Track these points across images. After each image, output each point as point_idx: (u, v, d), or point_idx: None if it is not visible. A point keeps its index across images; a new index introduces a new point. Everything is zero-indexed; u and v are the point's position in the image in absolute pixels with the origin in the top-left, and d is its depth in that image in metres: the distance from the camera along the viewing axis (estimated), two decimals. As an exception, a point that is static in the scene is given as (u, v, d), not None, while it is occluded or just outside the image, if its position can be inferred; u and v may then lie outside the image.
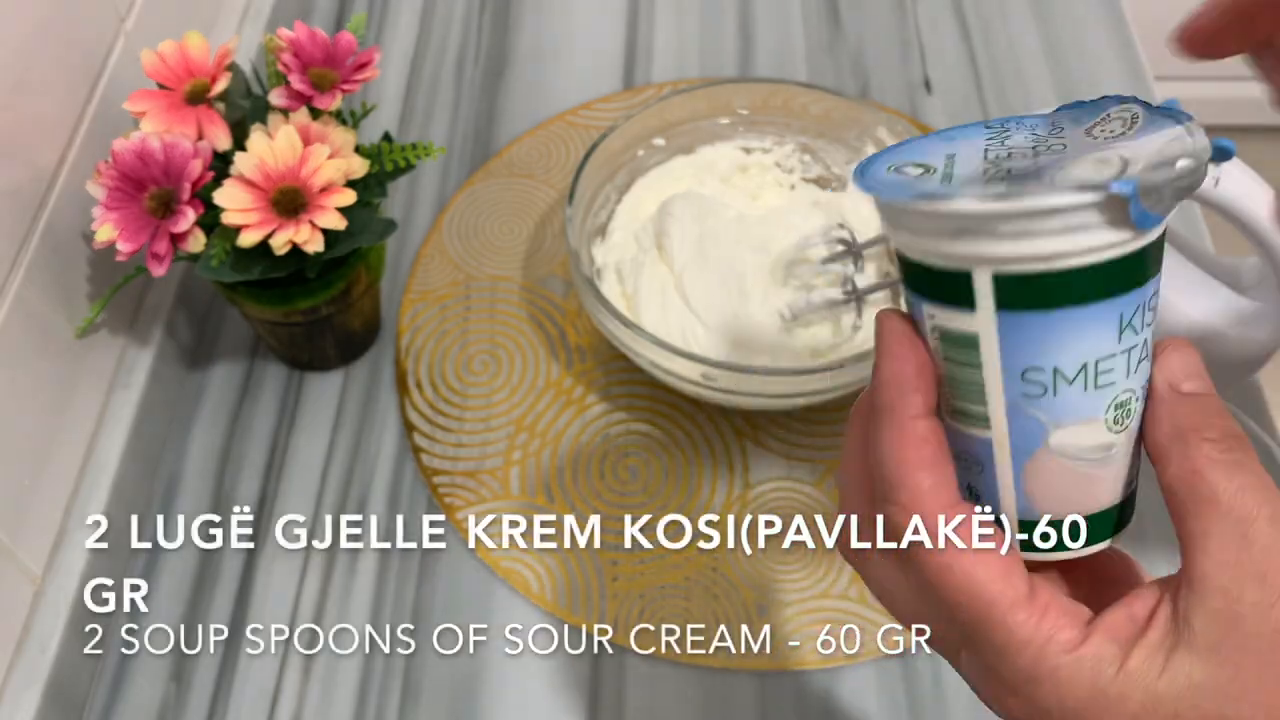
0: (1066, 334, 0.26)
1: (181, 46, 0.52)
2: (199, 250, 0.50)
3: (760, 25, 0.78)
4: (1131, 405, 0.27)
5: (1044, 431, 0.27)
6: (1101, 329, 0.26)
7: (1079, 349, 0.26)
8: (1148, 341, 0.27)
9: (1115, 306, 0.26)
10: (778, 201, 0.64)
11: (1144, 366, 0.27)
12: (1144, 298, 0.27)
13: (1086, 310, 0.26)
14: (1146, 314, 0.27)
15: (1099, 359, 0.26)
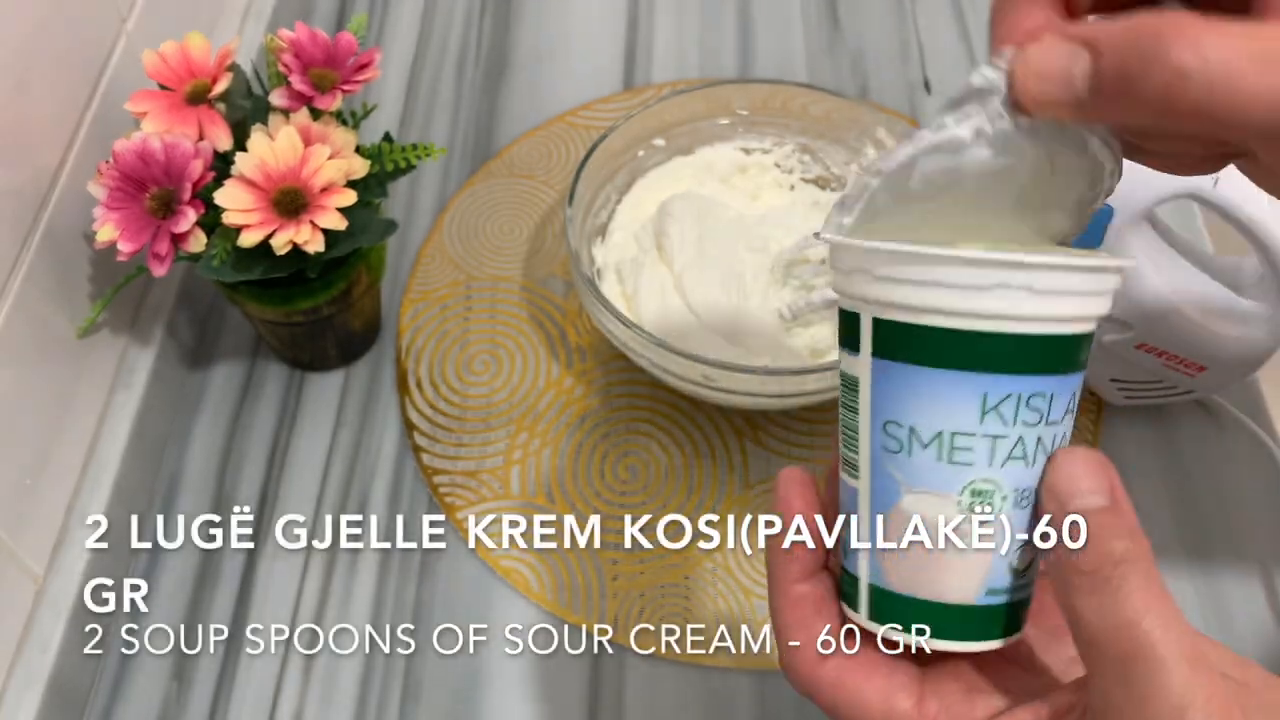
0: (924, 394, 0.26)
1: (183, 47, 0.52)
2: (200, 250, 0.50)
3: (760, 26, 0.78)
4: (995, 499, 0.26)
5: (898, 491, 0.27)
6: (962, 401, 0.25)
7: (936, 415, 0.26)
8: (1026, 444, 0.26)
9: (978, 383, 0.25)
10: (777, 202, 0.64)
11: (1017, 469, 0.26)
12: (1020, 389, 0.25)
13: (947, 376, 0.25)
14: (1023, 410, 0.25)
15: (955, 432, 0.26)
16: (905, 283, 0.25)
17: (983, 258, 0.24)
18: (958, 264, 0.25)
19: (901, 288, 0.25)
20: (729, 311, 0.59)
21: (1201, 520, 0.56)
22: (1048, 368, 0.26)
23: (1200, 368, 0.54)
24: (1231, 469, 0.57)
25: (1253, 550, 0.55)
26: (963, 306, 0.25)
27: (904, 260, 0.25)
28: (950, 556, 0.27)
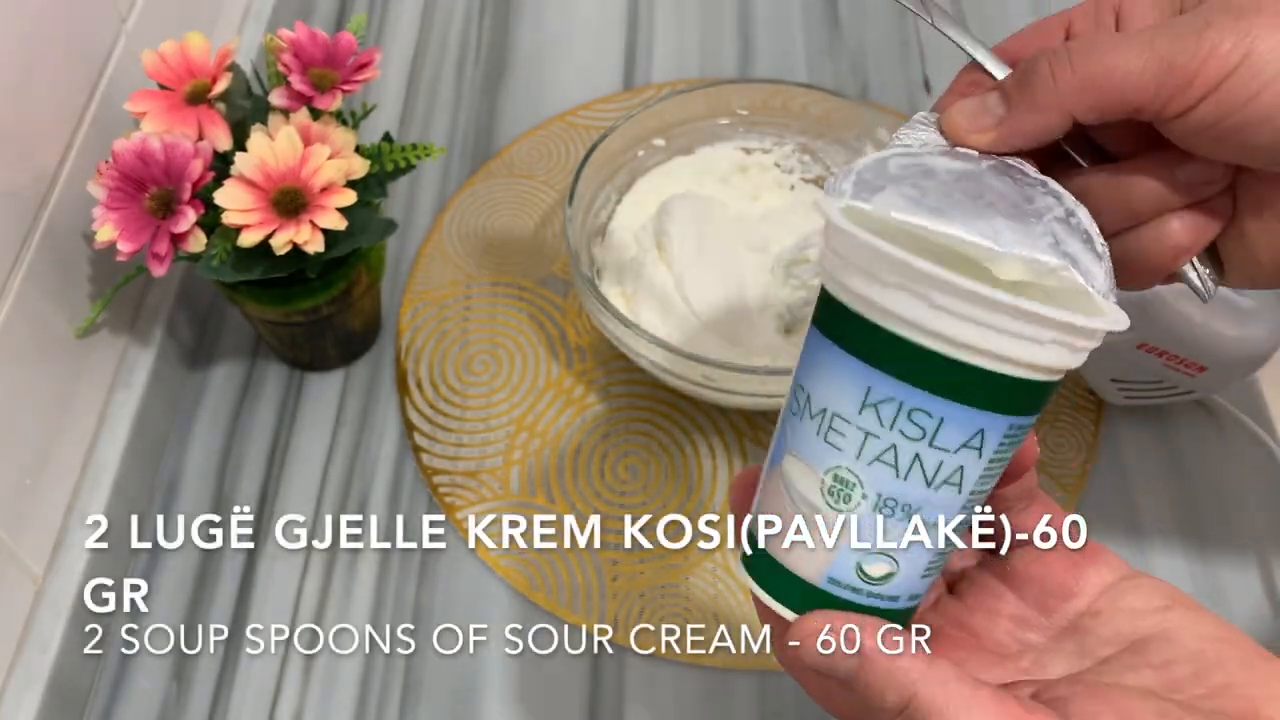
0: (825, 369, 0.26)
1: (182, 47, 0.52)
2: (200, 250, 0.50)
3: (760, 26, 0.78)
4: (854, 493, 0.26)
5: (784, 451, 0.28)
6: (849, 385, 0.26)
7: (826, 390, 0.26)
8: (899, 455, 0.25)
9: (866, 374, 0.25)
10: (777, 202, 0.64)
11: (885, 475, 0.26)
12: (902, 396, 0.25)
13: (845, 358, 0.26)
14: (902, 419, 0.25)
15: (836, 414, 0.26)
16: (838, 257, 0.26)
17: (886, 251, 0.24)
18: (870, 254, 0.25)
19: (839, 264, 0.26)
20: (729, 311, 0.59)
21: (1202, 520, 0.56)
22: (933, 386, 0.25)
23: (1201, 368, 0.54)
24: (1232, 469, 0.57)
25: (1253, 550, 0.55)
26: (865, 294, 0.25)
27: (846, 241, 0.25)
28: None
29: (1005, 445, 0.26)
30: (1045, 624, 0.30)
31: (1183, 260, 0.31)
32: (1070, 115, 0.29)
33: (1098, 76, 0.28)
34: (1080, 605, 0.30)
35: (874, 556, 0.27)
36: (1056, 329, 0.24)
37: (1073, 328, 0.25)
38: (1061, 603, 0.30)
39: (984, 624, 0.30)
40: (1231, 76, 0.27)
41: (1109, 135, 0.32)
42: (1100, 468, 0.57)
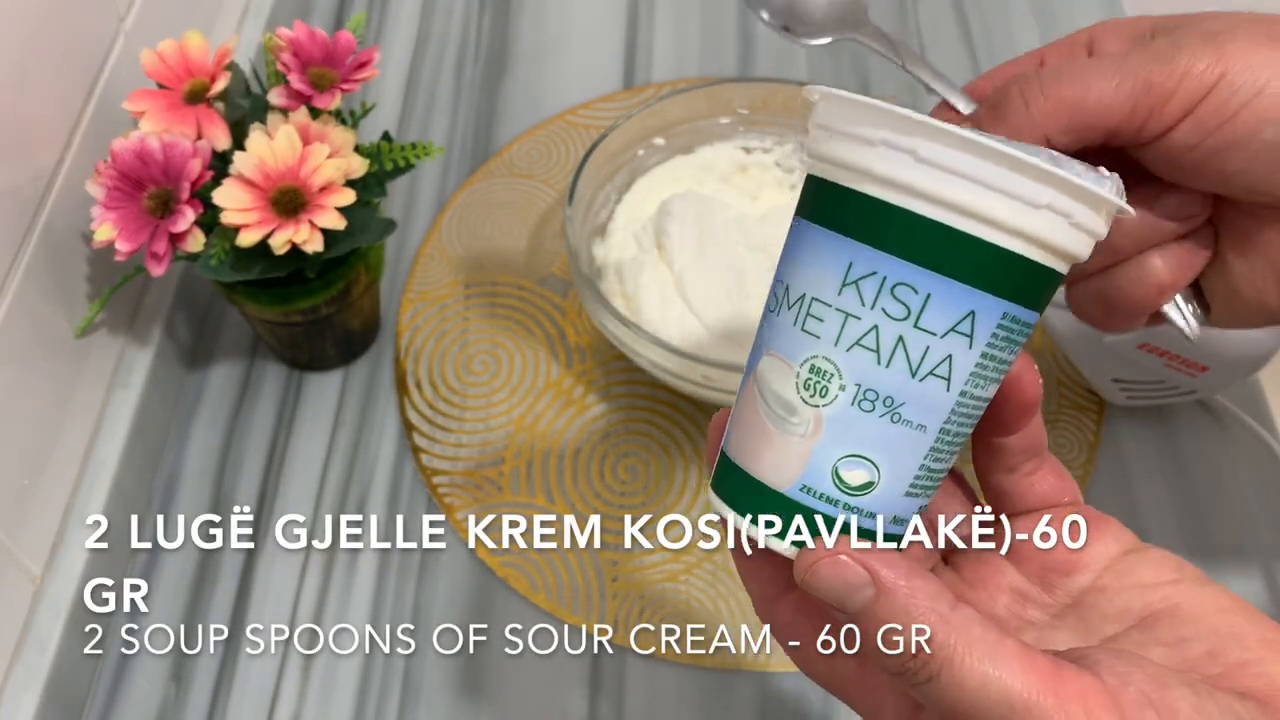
0: (805, 252, 0.24)
1: (181, 46, 0.52)
2: (198, 250, 0.50)
3: (760, 25, 0.78)
4: (831, 385, 0.24)
5: (761, 352, 0.26)
6: (829, 264, 0.24)
7: (805, 275, 0.24)
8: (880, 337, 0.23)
9: (847, 249, 0.23)
10: (778, 201, 0.64)
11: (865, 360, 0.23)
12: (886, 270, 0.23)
13: (824, 234, 0.24)
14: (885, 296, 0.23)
15: (814, 298, 0.24)
16: (822, 132, 0.24)
17: (880, 106, 0.23)
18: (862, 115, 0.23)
19: (821, 137, 0.24)
20: (729, 311, 0.59)
21: (1203, 520, 0.56)
22: (926, 260, 0.23)
23: (1202, 368, 0.53)
24: (1233, 469, 0.57)
25: (1255, 550, 0.55)
26: (848, 159, 0.23)
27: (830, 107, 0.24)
28: (773, 429, 0.25)
29: (1000, 341, 0.24)
30: (1047, 600, 0.28)
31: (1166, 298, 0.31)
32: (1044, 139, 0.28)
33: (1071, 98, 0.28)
34: (1085, 581, 0.28)
35: (852, 460, 0.24)
36: (1053, 187, 0.23)
37: (1069, 186, 0.23)
38: (1064, 578, 0.28)
39: (982, 599, 0.29)
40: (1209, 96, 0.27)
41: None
42: (1101, 468, 0.57)
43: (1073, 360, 0.56)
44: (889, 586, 0.24)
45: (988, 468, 0.29)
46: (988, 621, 0.24)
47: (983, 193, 0.22)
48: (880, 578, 0.24)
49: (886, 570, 0.24)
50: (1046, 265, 0.24)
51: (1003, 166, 0.22)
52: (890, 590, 0.24)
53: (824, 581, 0.25)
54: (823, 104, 0.25)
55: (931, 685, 0.24)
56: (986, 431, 0.28)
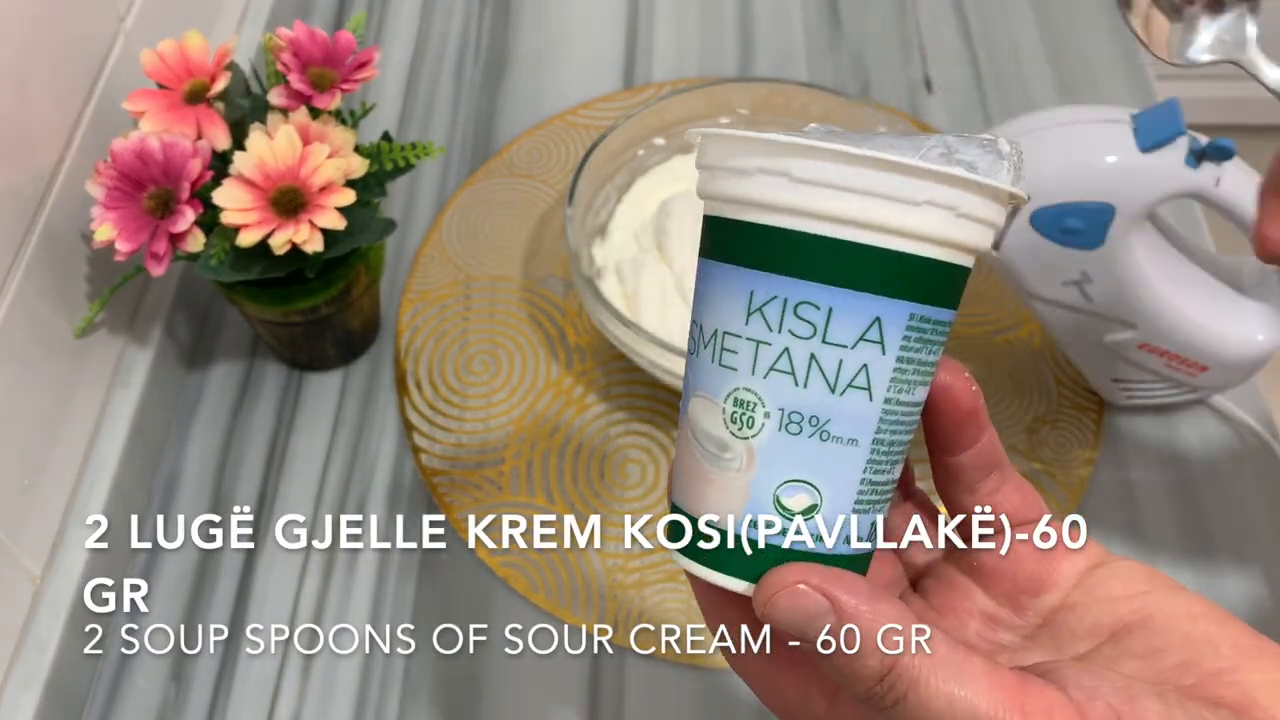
0: (712, 290, 0.24)
1: (181, 46, 0.52)
2: (198, 250, 0.50)
3: (760, 25, 0.78)
4: (755, 414, 0.24)
5: (690, 395, 0.25)
6: (733, 297, 0.24)
7: (714, 311, 0.24)
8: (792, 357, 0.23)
9: (746, 279, 0.24)
10: (778, 201, 0.64)
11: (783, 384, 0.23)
12: (784, 292, 0.23)
13: (725, 270, 0.24)
14: (790, 318, 0.23)
15: (726, 332, 0.24)
16: (706, 171, 0.25)
17: (749, 136, 0.23)
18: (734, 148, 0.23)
19: (704, 178, 0.25)
20: (729, 311, 0.59)
21: (1204, 520, 0.56)
22: (821, 275, 0.23)
23: (1202, 367, 0.53)
24: (1233, 469, 0.57)
25: (1255, 550, 0.55)
26: (731, 193, 0.24)
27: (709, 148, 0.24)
28: (709, 468, 0.25)
29: (915, 343, 0.24)
30: (1018, 623, 0.27)
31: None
32: None
33: None
34: (1054, 599, 0.27)
35: (791, 486, 0.24)
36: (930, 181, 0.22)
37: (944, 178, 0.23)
38: (1034, 598, 0.27)
39: (952, 626, 0.28)
40: None
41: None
42: (1101, 468, 0.57)
43: (1073, 360, 0.56)
44: (850, 612, 0.23)
45: (947, 489, 0.28)
46: (952, 641, 0.23)
47: (859, 200, 0.22)
48: (841, 604, 0.24)
49: (847, 596, 0.24)
50: (944, 260, 0.24)
51: (872, 169, 0.22)
52: (852, 616, 0.23)
53: (784, 613, 0.24)
54: (702, 144, 0.25)
55: (899, 708, 0.23)
56: (937, 450, 0.28)
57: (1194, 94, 0.76)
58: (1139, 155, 0.46)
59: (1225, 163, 0.46)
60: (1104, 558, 0.27)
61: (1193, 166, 0.46)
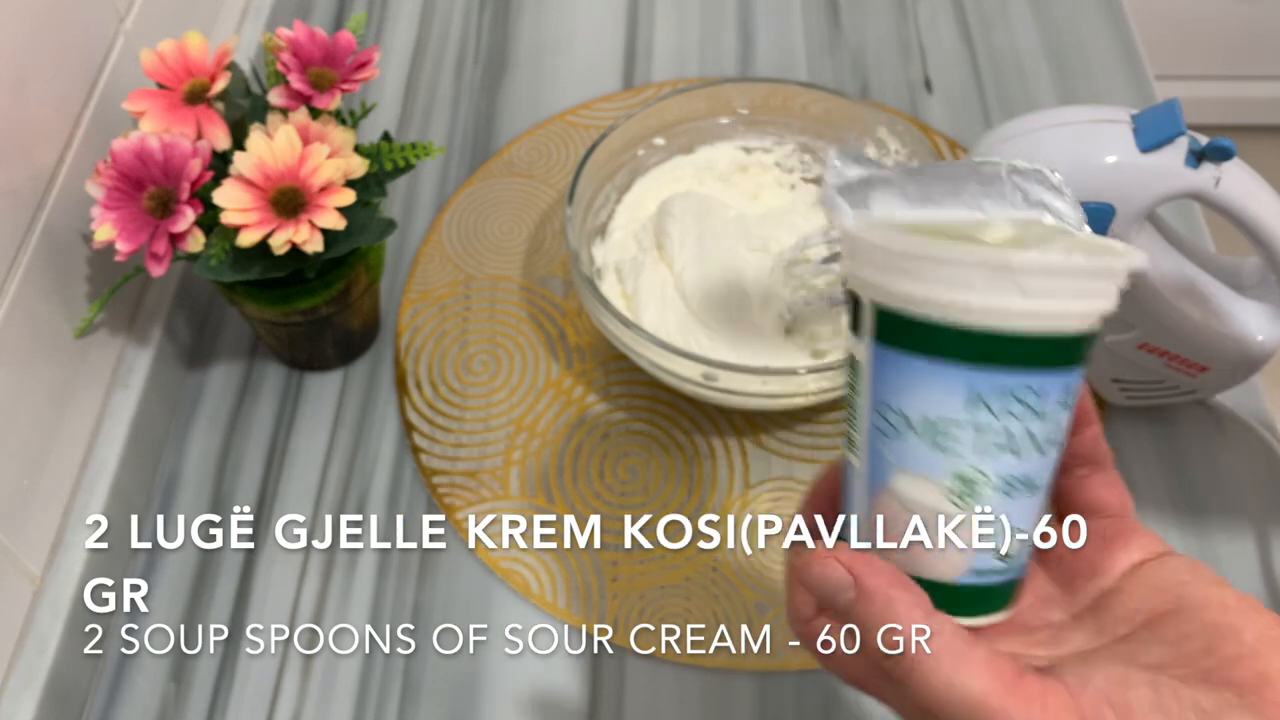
0: (919, 383, 0.27)
1: (181, 46, 0.52)
2: (198, 250, 0.50)
3: (760, 25, 0.78)
4: (979, 487, 0.27)
5: (889, 472, 0.28)
6: (950, 391, 0.26)
7: (926, 402, 0.27)
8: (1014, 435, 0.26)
9: (966, 375, 0.26)
10: (778, 201, 0.64)
11: (1004, 459, 0.26)
12: (1008, 383, 0.26)
13: (938, 366, 0.26)
14: (1013, 403, 0.26)
15: (942, 418, 0.26)
16: (905, 275, 0.26)
17: (964, 256, 0.25)
18: (943, 263, 0.25)
19: (901, 280, 0.26)
20: (729, 312, 0.59)
21: (1203, 520, 0.56)
22: (1037, 363, 0.26)
23: (1202, 368, 0.53)
24: (1233, 469, 0.57)
25: (1255, 550, 0.55)
26: (951, 299, 0.26)
27: (904, 255, 0.26)
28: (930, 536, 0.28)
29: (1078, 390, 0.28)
30: (1068, 602, 0.29)
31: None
32: None
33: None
34: (1105, 584, 0.29)
35: (1011, 541, 0.28)
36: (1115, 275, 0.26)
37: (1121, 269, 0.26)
38: (1087, 581, 0.29)
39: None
40: None
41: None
42: (1101, 468, 0.57)
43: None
44: (869, 591, 0.27)
45: None
46: (959, 630, 0.26)
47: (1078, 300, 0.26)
48: (863, 583, 0.27)
49: (870, 577, 0.27)
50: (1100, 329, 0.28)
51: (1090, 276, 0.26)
52: (870, 594, 0.27)
53: (814, 579, 0.28)
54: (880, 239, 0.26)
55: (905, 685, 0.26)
56: None
57: (1194, 94, 0.76)
58: (1139, 155, 0.46)
59: (1225, 163, 0.46)
60: (1161, 551, 0.29)
61: (1192, 167, 0.46)
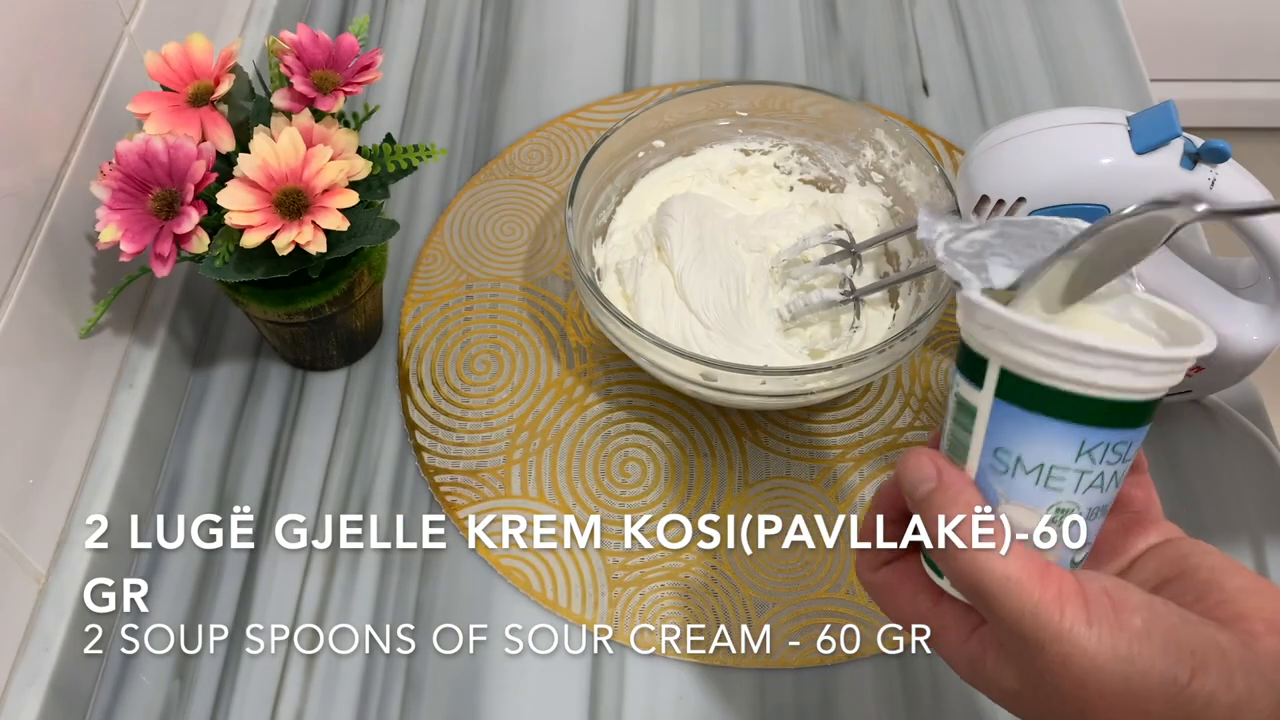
0: (1036, 435, 0.32)
1: (185, 48, 0.52)
2: (202, 251, 0.50)
3: (759, 28, 0.78)
4: (1072, 514, 0.33)
5: (997, 501, 0.33)
6: (1064, 444, 0.32)
7: (1040, 451, 0.32)
8: (1104, 476, 0.33)
9: (1080, 433, 0.32)
10: (776, 203, 0.65)
11: (1094, 494, 0.33)
12: (1110, 439, 0.32)
13: (1056, 425, 0.32)
14: (1109, 453, 0.32)
15: (1054, 465, 0.32)
16: (1037, 352, 0.31)
17: (1101, 346, 0.31)
18: (1081, 349, 0.31)
19: (1033, 355, 0.31)
20: (729, 311, 0.59)
21: (1200, 520, 0.56)
22: (1133, 424, 0.32)
23: (1197, 368, 0.54)
24: (1229, 469, 0.57)
25: (1250, 549, 0.55)
26: (1080, 377, 0.31)
27: (1038, 336, 0.31)
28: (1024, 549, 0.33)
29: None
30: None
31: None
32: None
33: None
34: (1124, 562, 0.35)
35: (1083, 550, 0.34)
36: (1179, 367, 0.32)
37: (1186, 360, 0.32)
38: (1109, 562, 0.35)
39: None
40: None
41: None
42: (1098, 468, 0.57)
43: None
44: (947, 483, 0.33)
45: None
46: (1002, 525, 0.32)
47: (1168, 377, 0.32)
48: (943, 477, 0.33)
49: (948, 474, 0.33)
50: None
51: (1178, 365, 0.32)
52: (946, 485, 0.33)
53: (908, 470, 0.34)
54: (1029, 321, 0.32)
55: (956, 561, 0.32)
56: None
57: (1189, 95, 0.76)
58: (1134, 157, 0.46)
59: (1220, 164, 0.46)
60: (1175, 535, 0.35)
61: (1188, 168, 0.46)
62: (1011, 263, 0.34)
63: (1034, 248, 0.34)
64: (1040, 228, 0.35)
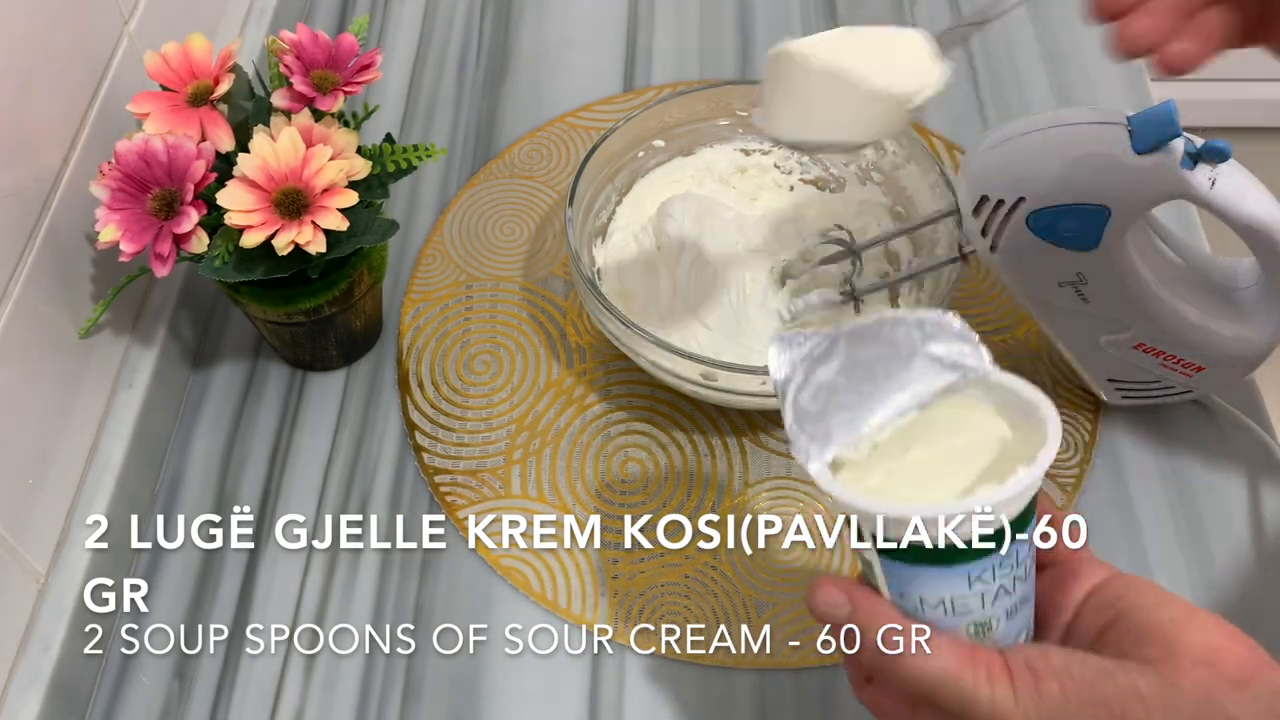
0: (925, 580, 0.35)
1: (184, 48, 0.52)
2: (202, 251, 0.50)
3: (759, 27, 0.78)
4: (993, 624, 0.35)
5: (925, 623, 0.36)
6: (952, 581, 0.35)
7: (935, 589, 0.35)
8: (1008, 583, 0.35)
9: (961, 570, 0.34)
10: (776, 203, 0.65)
11: (1004, 600, 0.35)
12: (993, 561, 0.34)
13: (937, 569, 0.34)
14: (1000, 568, 0.35)
15: (954, 596, 0.35)
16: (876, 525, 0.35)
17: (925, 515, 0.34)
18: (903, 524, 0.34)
19: (895, 528, 0.34)
20: (729, 312, 0.59)
21: (1199, 519, 0.56)
22: (1013, 539, 0.34)
23: (1198, 368, 0.54)
24: (1229, 468, 0.57)
25: (1250, 549, 0.55)
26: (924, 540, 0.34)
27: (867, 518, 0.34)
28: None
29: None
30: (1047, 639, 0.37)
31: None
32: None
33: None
34: (1067, 618, 0.37)
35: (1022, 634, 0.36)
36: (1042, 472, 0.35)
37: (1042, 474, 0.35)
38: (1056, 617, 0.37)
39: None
40: None
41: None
42: (1098, 467, 0.57)
43: (1069, 360, 0.56)
44: (859, 603, 0.36)
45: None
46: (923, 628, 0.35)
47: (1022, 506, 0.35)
48: (853, 597, 0.36)
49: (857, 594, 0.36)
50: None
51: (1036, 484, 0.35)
52: (859, 606, 0.36)
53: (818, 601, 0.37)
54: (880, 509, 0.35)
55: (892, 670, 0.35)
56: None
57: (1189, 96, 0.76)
58: (1134, 157, 0.46)
59: (1220, 164, 0.46)
60: (1108, 575, 0.36)
61: (1188, 168, 0.46)
62: (855, 416, 0.36)
63: (875, 377, 0.36)
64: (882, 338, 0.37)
